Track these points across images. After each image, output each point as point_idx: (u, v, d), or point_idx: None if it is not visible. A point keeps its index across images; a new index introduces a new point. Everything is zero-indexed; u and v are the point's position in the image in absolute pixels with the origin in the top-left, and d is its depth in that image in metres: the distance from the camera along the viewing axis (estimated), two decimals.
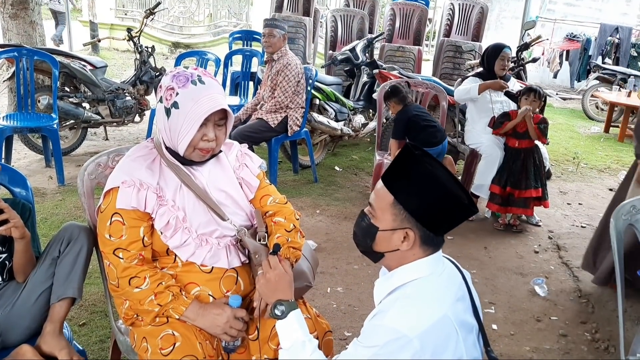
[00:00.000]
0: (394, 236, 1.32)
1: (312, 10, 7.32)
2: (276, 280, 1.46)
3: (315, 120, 4.79)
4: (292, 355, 1.37)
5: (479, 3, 7.13)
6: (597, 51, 10.63)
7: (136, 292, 1.56)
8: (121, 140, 5.55)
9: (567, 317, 2.95)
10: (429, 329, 1.22)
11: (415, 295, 1.30)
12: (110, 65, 8.76)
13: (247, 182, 1.79)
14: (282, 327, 1.40)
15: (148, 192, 1.58)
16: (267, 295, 1.47)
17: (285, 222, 1.79)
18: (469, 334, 1.33)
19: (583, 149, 6.73)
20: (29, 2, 4.94)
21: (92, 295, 2.73)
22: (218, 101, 1.57)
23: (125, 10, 12.08)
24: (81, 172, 1.81)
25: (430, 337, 1.22)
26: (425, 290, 1.31)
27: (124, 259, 1.57)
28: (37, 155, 4.73)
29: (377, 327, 1.26)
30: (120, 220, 1.57)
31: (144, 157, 1.65)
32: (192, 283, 1.63)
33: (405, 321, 1.23)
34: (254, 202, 1.81)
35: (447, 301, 1.31)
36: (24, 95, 4.26)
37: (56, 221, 3.57)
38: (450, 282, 1.37)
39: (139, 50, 5.19)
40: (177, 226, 1.60)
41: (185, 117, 1.56)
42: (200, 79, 1.58)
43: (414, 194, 1.30)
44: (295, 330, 1.38)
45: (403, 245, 1.32)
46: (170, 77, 1.59)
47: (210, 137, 1.60)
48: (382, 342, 1.22)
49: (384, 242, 1.35)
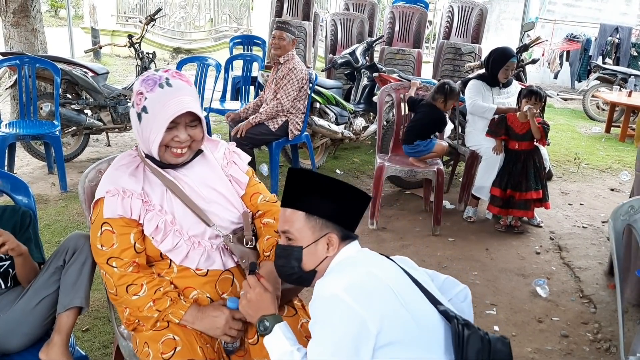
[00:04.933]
0: (319, 247, 1.41)
1: (312, 14, 7.34)
2: (257, 299, 1.48)
3: (316, 124, 4.80)
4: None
5: (478, 5, 7.14)
6: (597, 51, 10.62)
7: (134, 299, 1.58)
8: (123, 146, 5.58)
9: (568, 318, 2.95)
10: (354, 282, 1.29)
11: (338, 268, 1.40)
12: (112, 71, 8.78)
13: (236, 179, 1.80)
14: (269, 341, 1.42)
15: (132, 199, 1.59)
16: (250, 315, 1.49)
17: (274, 222, 1.78)
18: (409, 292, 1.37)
19: (584, 149, 6.73)
20: (31, 10, 4.98)
21: (96, 301, 2.75)
22: (184, 104, 1.56)
23: (126, 16, 12.13)
24: (82, 179, 1.83)
25: (356, 288, 1.28)
26: (349, 261, 1.41)
27: (117, 267, 1.58)
28: (40, 162, 4.76)
29: (313, 303, 1.32)
30: (110, 229, 1.59)
31: (126, 165, 1.67)
32: (189, 287, 1.65)
33: (331, 284, 1.30)
34: (245, 198, 1.81)
35: (374, 264, 1.39)
36: (26, 102, 4.29)
37: (59, 227, 3.59)
38: (377, 258, 1.45)
39: (140, 56, 5.22)
40: (167, 230, 1.62)
41: (154, 121, 1.56)
42: (168, 81, 1.58)
43: (322, 200, 1.41)
44: (281, 341, 1.40)
45: (330, 251, 1.42)
46: (139, 81, 1.60)
47: (181, 139, 1.60)
48: (321, 311, 1.29)
49: (312, 257, 1.42)
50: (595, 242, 3.91)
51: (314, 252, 1.42)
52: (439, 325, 1.35)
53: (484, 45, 6.75)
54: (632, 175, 5.52)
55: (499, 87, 4.26)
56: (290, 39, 4.23)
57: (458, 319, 1.34)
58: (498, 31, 11.95)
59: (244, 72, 5.96)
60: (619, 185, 5.39)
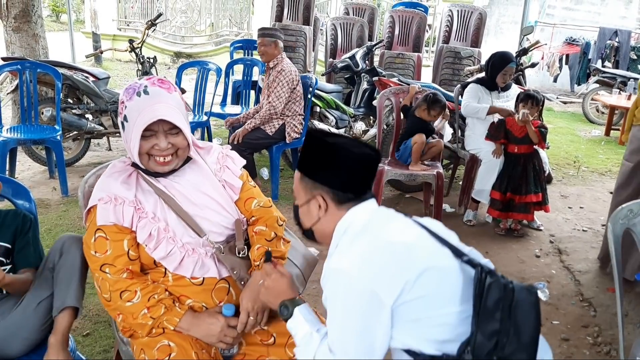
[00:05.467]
0: (310, 206, 1.43)
1: (312, 18, 7.36)
2: (274, 285, 1.49)
3: (316, 128, 4.82)
4: (304, 349, 1.39)
5: (477, 9, 7.17)
6: (596, 55, 10.66)
7: (128, 305, 1.57)
8: (124, 151, 5.58)
9: (568, 321, 2.95)
10: (361, 254, 1.28)
11: (347, 238, 1.37)
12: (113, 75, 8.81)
13: (230, 183, 1.78)
14: (291, 326, 1.43)
15: (124, 206, 1.60)
16: (271, 302, 1.50)
17: (267, 230, 1.78)
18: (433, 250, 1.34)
19: (584, 152, 6.74)
20: (32, 15, 5.00)
21: (96, 305, 2.75)
22: (157, 112, 1.55)
23: (127, 21, 12.16)
24: (82, 184, 1.84)
25: (363, 260, 1.27)
26: (358, 228, 1.37)
27: (110, 274, 1.58)
28: (41, 166, 4.77)
29: (323, 278, 1.33)
30: (104, 236, 1.59)
31: (119, 172, 1.67)
32: (183, 296, 1.65)
33: (338, 258, 1.31)
34: (239, 203, 1.80)
35: (387, 227, 1.36)
36: (27, 107, 4.30)
37: (60, 232, 3.60)
38: (393, 219, 1.42)
39: (140, 61, 5.23)
40: (160, 237, 1.61)
41: (132, 130, 1.57)
42: (145, 89, 1.57)
43: (310, 162, 1.43)
44: (302, 324, 1.41)
45: (321, 211, 1.42)
46: (122, 90, 1.62)
47: (161, 147, 1.60)
48: (329, 287, 1.30)
49: (306, 216, 1.46)
50: (595, 246, 3.91)
51: (307, 211, 1.45)
52: (459, 277, 1.31)
53: (484, 49, 6.77)
54: None
55: (497, 91, 4.28)
56: (271, 43, 4.23)
57: (482, 267, 1.30)
58: (497, 35, 11.97)
59: (245, 77, 5.97)
60: None
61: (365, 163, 1.42)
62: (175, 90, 1.64)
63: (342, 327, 1.27)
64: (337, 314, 1.27)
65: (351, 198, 1.42)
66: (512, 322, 1.24)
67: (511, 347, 1.22)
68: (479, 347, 1.22)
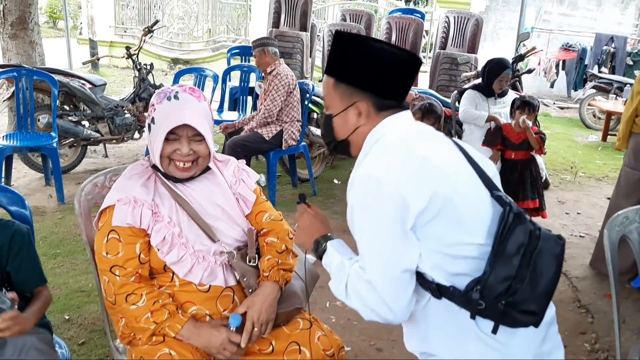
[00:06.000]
0: (348, 115, 1.36)
1: (309, 25, 7.39)
2: (308, 224, 1.48)
3: (313, 134, 4.82)
4: (336, 279, 1.35)
5: (474, 15, 7.19)
6: (593, 60, 10.69)
7: (132, 309, 1.57)
8: (121, 157, 5.58)
9: (566, 328, 2.94)
10: (392, 161, 1.25)
11: (378, 147, 1.32)
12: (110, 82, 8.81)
13: (244, 197, 1.80)
14: (326, 261, 1.39)
15: (143, 209, 1.60)
16: (305, 241, 1.47)
17: (278, 242, 1.79)
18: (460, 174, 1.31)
19: (581, 157, 6.75)
20: (29, 22, 5.00)
21: (92, 314, 2.74)
22: (184, 117, 1.58)
23: (124, 27, 12.18)
24: (78, 192, 1.83)
25: (394, 167, 1.23)
26: (392, 138, 1.32)
27: (120, 276, 1.58)
28: (37, 173, 4.76)
29: (350, 187, 1.29)
30: (117, 237, 1.59)
31: (139, 174, 1.68)
32: (188, 302, 1.64)
33: (367, 165, 1.27)
34: (250, 217, 1.82)
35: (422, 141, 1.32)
36: (23, 114, 4.30)
37: (56, 240, 3.59)
38: (429, 135, 1.37)
39: (137, 67, 5.23)
40: (174, 242, 1.62)
41: (157, 132, 1.59)
42: (176, 95, 1.61)
43: (349, 66, 1.33)
44: (334, 256, 1.37)
45: (360, 119, 1.35)
46: (155, 94, 1.65)
47: (183, 152, 1.61)
48: (356, 194, 1.26)
49: (343, 126, 1.38)
50: (592, 252, 3.90)
51: (344, 120, 1.37)
52: (488, 210, 1.28)
53: (481, 55, 6.79)
54: None
55: (494, 97, 4.29)
56: (259, 52, 4.28)
57: (512, 207, 1.24)
58: (494, 41, 12.01)
59: (242, 83, 5.97)
60: None
61: (408, 67, 1.35)
62: (205, 100, 1.67)
63: (370, 235, 1.23)
64: (364, 222, 1.24)
65: (391, 105, 1.35)
66: (530, 270, 1.20)
67: (522, 295, 1.19)
68: (488, 288, 1.18)
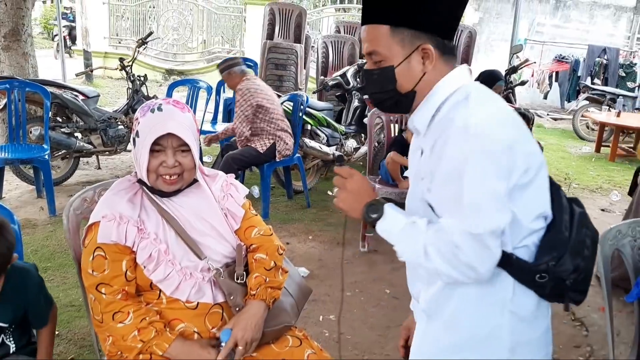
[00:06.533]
0: (413, 62, 1.22)
1: (303, 36, 7.41)
2: (359, 187, 1.30)
3: (307, 146, 4.81)
4: (407, 242, 1.22)
5: (467, 27, 7.23)
6: (585, 72, 10.79)
7: (119, 327, 1.55)
8: (114, 169, 5.55)
9: (560, 341, 2.93)
10: (495, 112, 1.17)
11: (475, 94, 1.19)
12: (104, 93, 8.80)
13: (232, 212, 1.77)
14: (383, 227, 1.25)
15: (128, 226, 1.57)
16: (353, 207, 1.30)
17: (267, 258, 1.77)
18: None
19: (574, 169, 6.77)
20: (22, 34, 4.99)
21: (82, 329, 2.70)
22: (168, 127, 1.56)
23: (119, 38, 12.20)
24: (67, 207, 1.80)
25: (498, 117, 1.16)
26: (483, 90, 1.22)
27: (106, 294, 1.56)
28: (29, 186, 4.72)
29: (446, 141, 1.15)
30: (103, 254, 1.57)
31: (125, 190, 1.66)
32: (176, 319, 1.62)
33: (472, 117, 1.13)
34: (239, 232, 1.79)
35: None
36: (15, 126, 4.27)
37: (46, 253, 3.55)
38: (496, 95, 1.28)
39: (131, 79, 5.22)
40: (160, 259, 1.59)
41: (142, 144, 1.57)
42: (160, 107, 1.60)
43: (406, 6, 1.19)
44: (396, 218, 1.24)
45: (427, 64, 1.22)
46: (139, 108, 1.64)
47: (168, 164, 1.59)
48: (460, 147, 1.12)
49: (407, 75, 1.23)
50: None
51: (408, 68, 1.22)
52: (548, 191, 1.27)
53: (474, 67, 6.80)
54: (622, 195, 5.55)
55: None
56: (226, 75, 4.31)
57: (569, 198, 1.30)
58: (488, 52, 12.09)
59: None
60: (610, 205, 5.41)
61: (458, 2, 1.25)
62: (189, 112, 1.66)
63: (470, 190, 1.12)
64: (465, 177, 1.12)
65: (450, 48, 1.24)
66: (591, 252, 1.24)
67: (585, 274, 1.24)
68: (561, 265, 1.19)
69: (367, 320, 2.97)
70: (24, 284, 1.65)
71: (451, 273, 1.17)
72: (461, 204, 1.13)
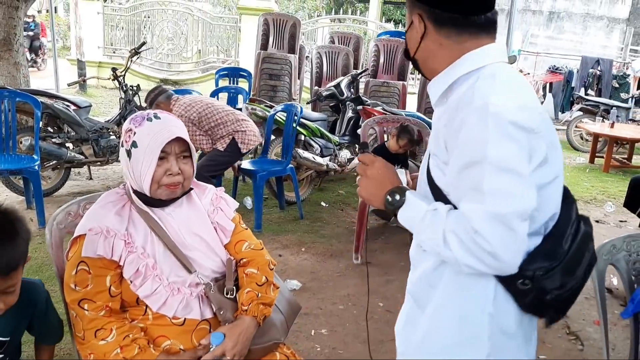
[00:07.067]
0: (413, 29, 1.26)
1: (297, 47, 7.41)
2: (380, 173, 1.28)
3: (300, 156, 4.78)
4: (428, 229, 1.16)
5: None
6: (579, 83, 10.84)
7: (101, 344, 1.51)
8: (105, 180, 5.51)
9: (556, 355, 2.89)
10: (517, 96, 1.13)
11: (502, 74, 1.17)
12: (97, 102, 8.77)
13: (222, 226, 1.75)
14: (405, 214, 1.21)
15: (115, 240, 1.54)
16: (374, 195, 1.27)
17: (258, 273, 1.73)
18: None
19: (569, 180, 6.76)
20: (14, 43, 4.97)
21: (67, 344, 2.63)
22: (172, 132, 1.57)
23: (113, 48, 12.19)
24: (50, 221, 1.76)
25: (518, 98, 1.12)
26: (513, 73, 1.19)
27: (89, 310, 1.52)
28: (19, 196, 4.66)
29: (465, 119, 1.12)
30: (86, 269, 1.53)
31: (113, 203, 1.62)
32: (162, 336, 1.58)
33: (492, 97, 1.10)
34: (229, 247, 1.76)
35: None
36: (5, 136, 4.23)
37: (34, 265, 3.49)
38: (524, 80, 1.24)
39: (123, 89, 5.20)
40: (147, 274, 1.56)
41: (145, 153, 1.54)
42: (156, 115, 1.59)
43: None
44: (417, 205, 1.20)
45: (419, 34, 1.24)
46: (128, 121, 1.61)
47: (174, 171, 1.58)
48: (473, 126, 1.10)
49: (411, 41, 1.28)
50: None
51: (410, 34, 1.27)
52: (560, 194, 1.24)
53: None
54: (616, 206, 5.54)
55: None
56: (155, 107, 4.17)
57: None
58: None
59: (229, 104, 5.95)
60: (604, 216, 5.40)
61: None
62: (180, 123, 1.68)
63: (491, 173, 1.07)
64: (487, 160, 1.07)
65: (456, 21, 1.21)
66: (584, 274, 1.19)
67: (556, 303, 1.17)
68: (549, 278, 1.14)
69: (359, 334, 2.93)
70: (31, 299, 1.61)
71: (470, 262, 1.10)
72: (482, 188, 1.08)
